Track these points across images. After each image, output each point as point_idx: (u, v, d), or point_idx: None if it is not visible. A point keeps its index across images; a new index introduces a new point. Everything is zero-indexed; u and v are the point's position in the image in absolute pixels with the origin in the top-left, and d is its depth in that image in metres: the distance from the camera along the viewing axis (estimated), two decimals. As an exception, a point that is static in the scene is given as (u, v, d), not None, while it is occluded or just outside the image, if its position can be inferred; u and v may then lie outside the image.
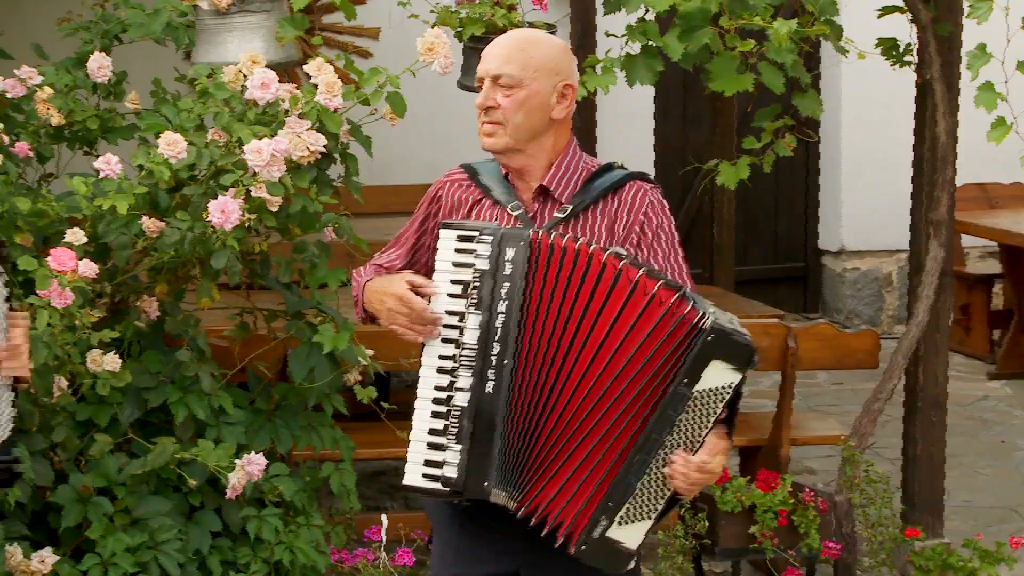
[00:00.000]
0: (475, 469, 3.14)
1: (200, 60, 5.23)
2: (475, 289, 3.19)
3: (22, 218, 4.89)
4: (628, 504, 3.14)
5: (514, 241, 3.18)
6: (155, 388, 5.08)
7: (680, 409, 3.11)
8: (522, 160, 3.35)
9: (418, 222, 3.50)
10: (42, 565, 4.62)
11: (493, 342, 3.16)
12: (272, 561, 5.02)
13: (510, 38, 3.40)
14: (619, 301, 3.12)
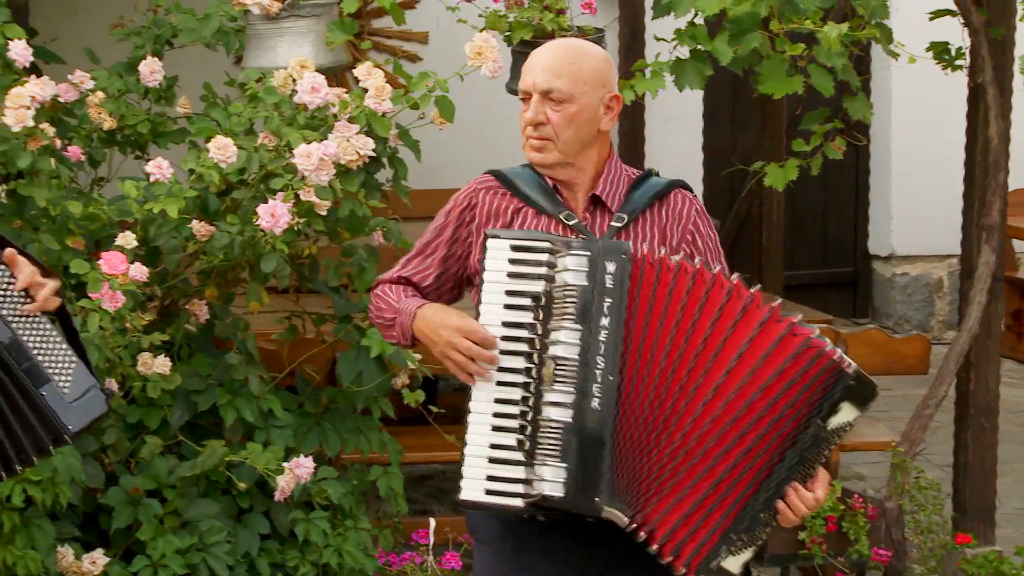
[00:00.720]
0: (584, 485, 3.06)
1: (250, 64, 5.26)
2: (569, 304, 3.11)
3: (74, 221, 4.93)
4: (748, 535, 3.14)
5: (615, 255, 3.13)
6: (204, 391, 5.11)
7: (819, 450, 3.11)
8: (570, 173, 3.33)
9: (449, 231, 3.40)
10: (93, 566, 4.65)
11: (596, 357, 3.08)
12: (320, 564, 5.04)
13: (557, 50, 3.34)
14: (731, 319, 3.11)
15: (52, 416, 3.09)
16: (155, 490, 4.93)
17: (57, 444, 3.13)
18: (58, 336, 3.16)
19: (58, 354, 3.14)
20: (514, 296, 3.16)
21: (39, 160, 4.76)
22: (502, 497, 3.13)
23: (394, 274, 3.45)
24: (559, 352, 3.10)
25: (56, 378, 3.12)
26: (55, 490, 4.51)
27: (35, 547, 4.53)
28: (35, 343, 3.12)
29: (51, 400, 3.10)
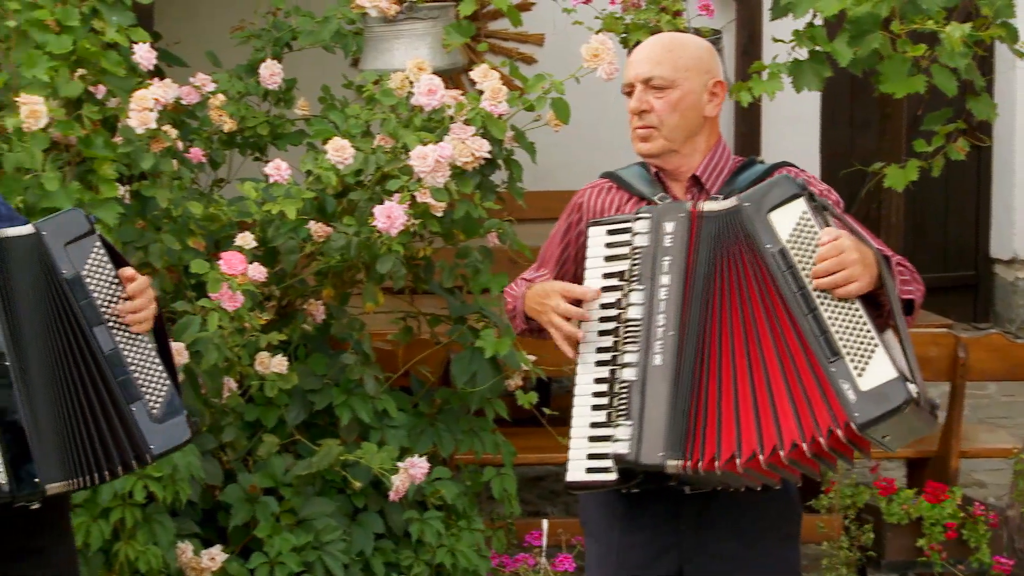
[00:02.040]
0: (647, 440, 3.07)
1: (368, 67, 5.30)
2: (636, 267, 3.16)
3: (195, 222, 4.99)
4: (847, 355, 3.00)
5: (673, 214, 3.17)
6: (321, 390, 5.15)
7: (787, 264, 3.06)
8: (677, 161, 3.33)
9: (560, 235, 3.47)
10: (211, 563, 4.71)
11: (658, 314, 3.12)
12: (434, 564, 5.06)
13: (655, 41, 3.38)
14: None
15: (138, 433, 3.11)
16: (272, 488, 4.98)
17: (138, 462, 3.14)
18: (156, 358, 3.20)
19: (154, 375, 3.17)
20: (609, 277, 3.22)
21: (161, 162, 4.83)
22: (600, 473, 3.15)
23: (519, 280, 3.52)
24: (630, 314, 3.15)
25: (147, 397, 3.15)
26: (175, 487, 4.57)
27: (156, 543, 4.60)
28: (133, 359, 3.15)
29: (139, 417, 3.12)
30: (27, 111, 4.38)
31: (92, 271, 3.14)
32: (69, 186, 4.53)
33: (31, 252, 3.11)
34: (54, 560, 3.31)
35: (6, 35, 4.53)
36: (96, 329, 3.12)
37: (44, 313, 3.10)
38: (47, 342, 3.09)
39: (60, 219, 3.19)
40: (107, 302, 3.14)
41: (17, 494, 3.02)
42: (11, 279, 3.07)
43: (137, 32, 4.79)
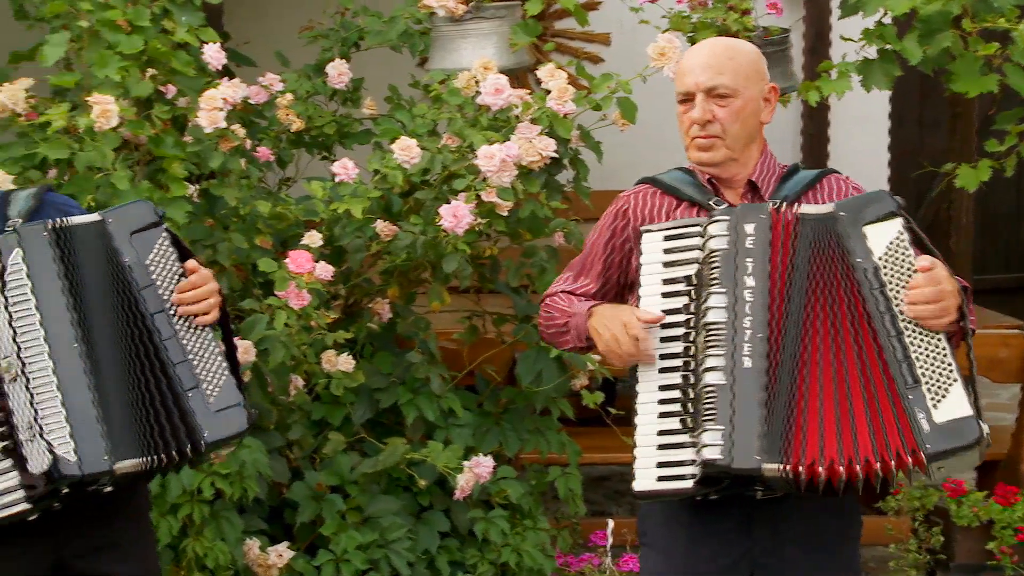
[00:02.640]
0: (742, 445, 3.03)
1: (435, 66, 5.31)
2: (714, 269, 3.12)
3: (263, 221, 5.02)
4: (925, 384, 3.02)
5: (753, 215, 3.15)
6: (386, 389, 5.17)
7: (878, 282, 3.06)
8: (735, 169, 3.31)
9: (604, 241, 3.42)
10: (278, 559, 4.74)
11: (744, 317, 3.08)
12: (499, 563, 5.06)
13: (713, 48, 3.34)
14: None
15: (192, 419, 3.14)
16: (338, 486, 5.00)
17: (192, 449, 3.16)
18: (216, 349, 3.23)
19: (212, 364, 3.20)
20: (670, 284, 3.19)
21: (230, 161, 4.86)
22: (673, 481, 3.12)
23: (557, 288, 3.48)
24: (710, 318, 3.11)
25: (205, 385, 3.18)
26: (243, 484, 4.60)
27: (223, 539, 4.63)
28: (192, 347, 3.19)
29: (195, 404, 3.15)
30: (98, 111, 4.42)
31: (156, 261, 3.20)
32: (139, 185, 4.57)
33: (96, 240, 3.18)
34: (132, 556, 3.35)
35: (79, 35, 4.57)
36: (156, 316, 3.17)
37: (108, 298, 3.16)
38: (111, 326, 3.15)
39: (127, 209, 3.26)
40: (169, 291, 3.19)
41: (86, 473, 3.06)
42: (78, 265, 3.15)
43: (207, 32, 4.82)
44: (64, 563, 3.27)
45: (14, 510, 3.09)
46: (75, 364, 3.10)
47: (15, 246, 3.12)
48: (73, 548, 3.26)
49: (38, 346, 3.09)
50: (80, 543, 3.27)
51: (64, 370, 3.09)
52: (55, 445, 3.05)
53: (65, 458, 3.04)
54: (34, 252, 3.13)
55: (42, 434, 3.05)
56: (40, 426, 3.06)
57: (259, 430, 4.85)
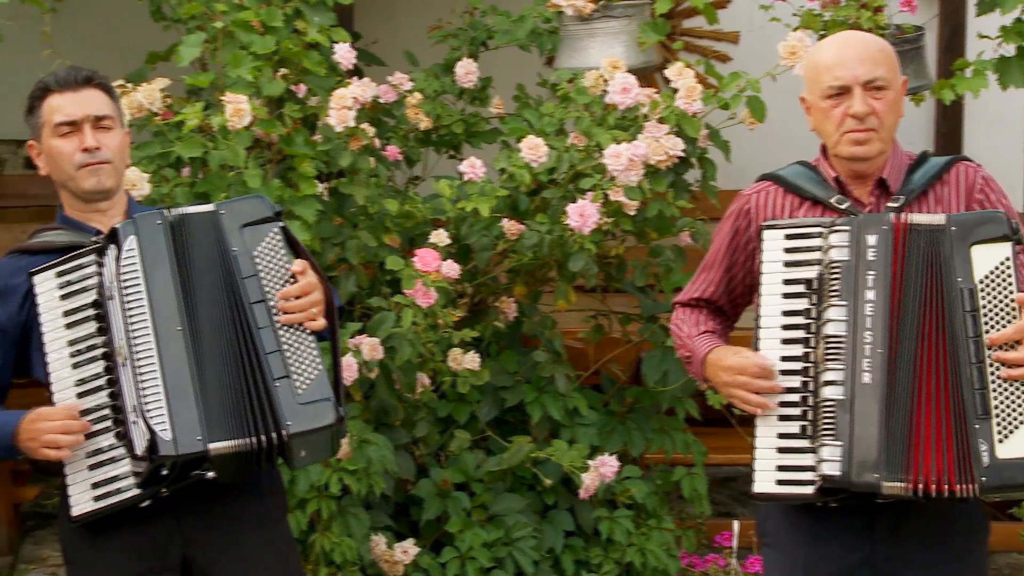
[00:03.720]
0: (860, 461, 3.02)
1: (562, 65, 5.31)
2: (835, 281, 3.10)
3: (391, 219, 5.06)
4: (995, 417, 3.00)
5: (875, 226, 3.10)
6: (512, 388, 5.18)
7: (972, 305, 3.02)
8: (878, 162, 3.26)
9: (726, 242, 3.40)
10: (404, 556, 4.77)
11: (864, 331, 3.06)
12: (623, 562, 5.05)
13: (861, 41, 3.30)
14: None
15: (277, 408, 3.18)
16: (463, 483, 5.03)
17: (277, 439, 3.18)
18: (313, 343, 3.26)
19: (306, 358, 3.24)
20: (791, 284, 3.16)
21: (359, 159, 4.90)
22: (793, 486, 3.11)
23: (686, 295, 3.49)
24: (830, 330, 3.08)
25: (295, 377, 3.21)
26: (369, 480, 4.64)
27: (350, 535, 4.68)
28: (287, 340, 3.23)
29: (282, 394, 3.19)
30: (231, 110, 4.49)
31: (263, 254, 3.25)
32: (270, 183, 4.63)
33: (208, 228, 3.26)
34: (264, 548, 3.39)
35: (213, 36, 4.65)
36: (256, 305, 3.22)
37: (213, 284, 3.23)
38: (214, 311, 3.21)
39: (242, 203, 3.33)
40: (272, 284, 3.23)
41: (181, 452, 3.10)
42: (189, 252, 3.23)
43: (338, 32, 4.87)
44: (191, 560, 3.33)
45: (126, 495, 3.17)
46: (178, 347, 3.17)
47: (131, 233, 3.21)
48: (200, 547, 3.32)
49: (145, 329, 3.17)
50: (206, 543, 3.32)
51: (167, 353, 3.16)
52: (154, 425, 3.11)
53: (162, 437, 3.10)
54: (148, 239, 3.21)
55: (144, 415, 3.12)
56: (143, 407, 3.12)
57: (385, 427, 4.89)
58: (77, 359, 3.22)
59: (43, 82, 3.34)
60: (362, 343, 4.60)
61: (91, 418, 3.19)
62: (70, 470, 3.19)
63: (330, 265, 4.89)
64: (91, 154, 3.29)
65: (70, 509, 3.18)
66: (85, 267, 3.24)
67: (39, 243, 3.36)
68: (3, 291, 3.32)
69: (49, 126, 3.31)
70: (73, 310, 3.23)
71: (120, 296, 3.18)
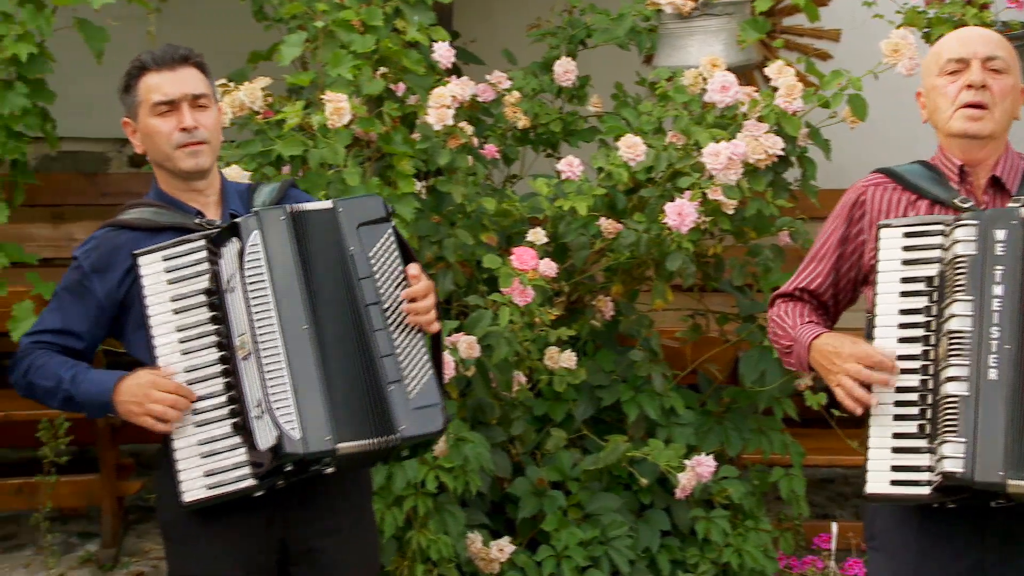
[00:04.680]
0: (985, 459, 2.97)
1: (661, 64, 5.29)
2: (960, 276, 3.05)
3: (488, 218, 5.08)
4: None
5: (1004, 221, 3.05)
6: (608, 387, 5.17)
7: None
8: (988, 150, 3.22)
9: (838, 233, 3.36)
10: (500, 553, 4.78)
11: (991, 327, 3.01)
12: (720, 563, 5.03)
13: (985, 31, 3.29)
14: None
15: (391, 412, 3.21)
16: (559, 482, 5.03)
17: (388, 444, 3.22)
18: (423, 347, 3.29)
19: (417, 362, 3.26)
20: (909, 283, 3.12)
21: (457, 158, 4.92)
22: (908, 487, 3.07)
23: (790, 286, 3.44)
24: (953, 326, 3.03)
25: (407, 381, 3.23)
26: (466, 478, 4.65)
27: (447, 532, 4.69)
28: (400, 343, 3.25)
29: (395, 398, 3.21)
30: (331, 108, 4.53)
31: (378, 255, 3.27)
32: (369, 181, 4.66)
33: (327, 226, 3.28)
34: (355, 536, 3.43)
35: (314, 35, 4.69)
36: (371, 307, 3.25)
37: (333, 284, 3.25)
38: (334, 311, 3.24)
39: (358, 201, 3.35)
40: (386, 286, 3.25)
41: (309, 451, 3.13)
42: (310, 250, 3.24)
43: (437, 31, 4.89)
44: (289, 544, 3.37)
45: (241, 485, 3.19)
46: (304, 345, 3.19)
47: (255, 228, 3.23)
48: (299, 530, 3.36)
49: (271, 325, 3.19)
50: (305, 527, 3.36)
51: (294, 350, 3.18)
52: (282, 422, 3.13)
53: (291, 435, 3.12)
54: (272, 234, 3.23)
55: (270, 411, 3.14)
56: (269, 403, 3.15)
57: (482, 425, 4.91)
58: (186, 345, 3.24)
59: (139, 60, 3.34)
60: (459, 341, 4.62)
61: (203, 405, 3.22)
62: (180, 456, 3.22)
63: (427, 263, 4.91)
64: (189, 134, 3.30)
65: (181, 495, 3.21)
66: (194, 253, 3.25)
67: (139, 219, 3.36)
68: (103, 266, 3.33)
69: (147, 105, 3.31)
70: (182, 296, 3.24)
71: (243, 290, 3.20)
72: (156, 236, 3.31)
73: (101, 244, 3.35)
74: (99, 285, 3.32)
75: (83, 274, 3.33)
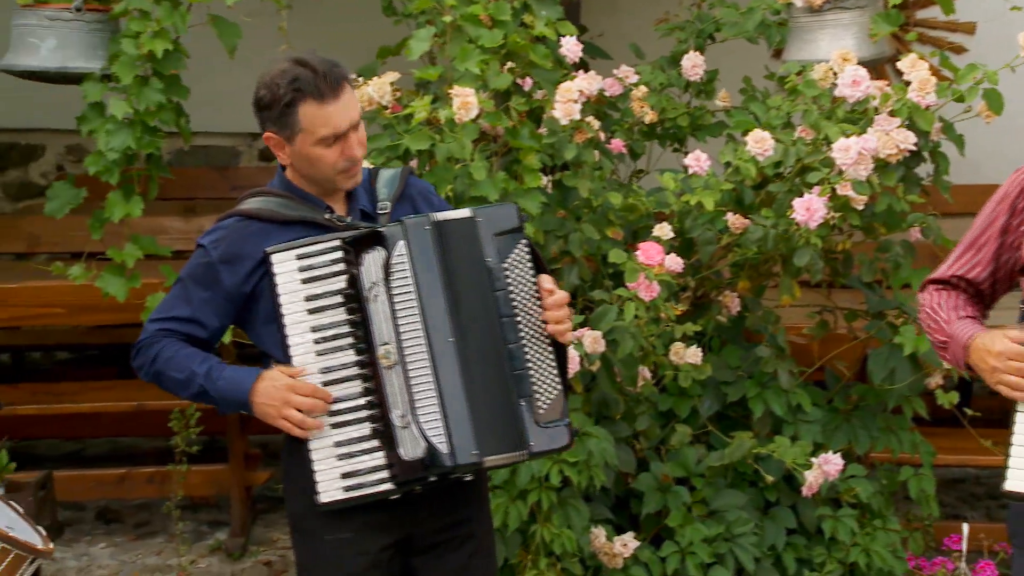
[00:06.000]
0: None
1: (791, 58, 5.24)
2: None
3: (614, 212, 5.07)
4: None
5: None
6: (734, 383, 5.14)
7: None
8: None
9: (1001, 221, 3.27)
10: (623, 549, 4.77)
11: None
12: (847, 562, 4.97)
13: None
14: None
15: (522, 426, 3.22)
16: (683, 478, 5.01)
17: (519, 459, 3.23)
18: (553, 363, 3.29)
19: (548, 379, 3.27)
20: None
21: (584, 152, 4.92)
22: None
23: (945, 272, 3.35)
24: None
25: (537, 396, 3.24)
26: (590, 472, 4.66)
27: (570, 526, 4.70)
28: (531, 357, 3.25)
29: (525, 413, 3.22)
30: (459, 103, 4.55)
31: (512, 265, 3.27)
32: (495, 176, 4.68)
33: (467, 236, 3.27)
34: (477, 531, 3.46)
35: (442, 30, 4.72)
36: (505, 320, 3.25)
37: (473, 295, 3.25)
38: (475, 323, 3.24)
39: (495, 210, 3.33)
40: (519, 298, 3.25)
41: (457, 464, 3.16)
42: (452, 260, 3.24)
43: (565, 26, 4.90)
44: (414, 539, 3.39)
45: (379, 489, 3.21)
46: (450, 357, 3.20)
47: (401, 238, 3.23)
48: (425, 526, 3.38)
49: (417, 337, 3.20)
50: (432, 522, 3.39)
51: (441, 362, 3.19)
52: (429, 435, 3.16)
53: (439, 448, 3.15)
54: (417, 244, 3.23)
55: (417, 422, 3.16)
56: (415, 414, 3.17)
57: (606, 420, 4.90)
58: (322, 347, 3.24)
59: (297, 85, 3.22)
60: (584, 336, 4.62)
61: (340, 407, 3.23)
62: (317, 456, 3.23)
63: (553, 258, 4.92)
64: (355, 160, 3.30)
65: (318, 495, 3.23)
66: (329, 253, 3.23)
67: (268, 211, 3.34)
68: (232, 257, 3.31)
69: (311, 135, 3.24)
70: (316, 296, 3.23)
71: (388, 300, 3.21)
72: (285, 229, 3.31)
73: (230, 234, 3.33)
74: (227, 276, 3.31)
75: (211, 264, 3.32)
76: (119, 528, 6.12)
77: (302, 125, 3.23)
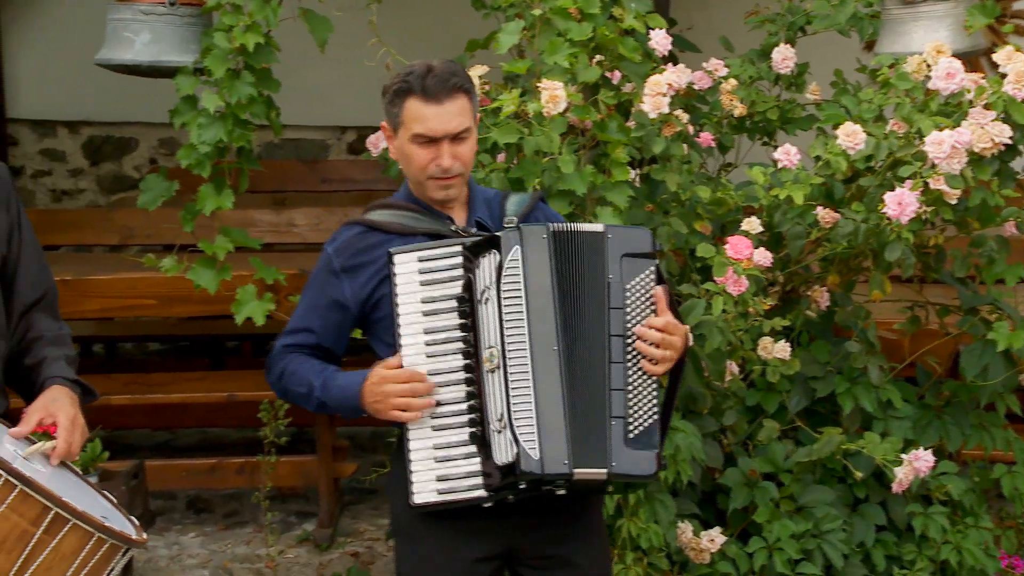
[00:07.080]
0: None
1: (883, 50, 5.18)
2: None
3: (702, 206, 5.05)
4: None
5: None
6: (823, 378, 5.10)
7: None
8: None
9: None
10: (711, 544, 4.76)
11: None
12: (938, 560, 4.92)
13: None
14: None
15: (604, 445, 3.19)
16: (771, 473, 4.98)
17: (596, 474, 3.20)
18: (655, 389, 3.27)
19: (645, 403, 3.25)
20: None
21: (672, 146, 4.90)
22: None
23: None
24: None
25: (630, 419, 3.22)
26: (677, 467, 4.64)
27: (657, 521, 4.68)
28: (632, 381, 3.24)
29: (613, 433, 3.20)
30: (547, 96, 4.55)
31: (634, 288, 3.26)
32: (584, 169, 4.67)
33: (592, 249, 3.27)
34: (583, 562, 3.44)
35: (531, 23, 4.72)
36: (614, 338, 3.24)
37: (586, 307, 3.25)
38: (582, 335, 3.24)
39: (628, 231, 3.35)
40: (635, 320, 3.24)
41: (546, 472, 3.15)
42: (570, 270, 3.25)
43: (654, 19, 4.88)
44: (519, 550, 3.39)
45: (472, 495, 3.22)
46: (552, 366, 3.20)
47: (515, 243, 3.24)
48: (529, 536, 3.38)
49: (522, 342, 3.20)
50: (536, 533, 3.37)
51: (541, 369, 3.19)
52: (522, 440, 3.15)
53: (530, 455, 3.14)
54: (532, 251, 3.24)
55: (512, 427, 3.16)
56: (511, 419, 3.17)
57: (693, 414, 4.89)
58: (432, 349, 3.26)
59: (408, 80, 3.31)
60: (672, 330, 4.60)
61: (443, 411, 3.24)
62: (415, 456, 3.25)
63: (641, 252, 4.91)
64: (444, 170, 3.32)
65: (412, 495, 3.25)
66: (450, 258, 3.26)
67: (394, 223, 3.38)
68: (352, 267, 3.38)
69: (408, 130, 3.31)
70: (432, 299, 3.26)
71: (497, 304, 3.21)
72: (408, 240, 3.34)
73: (352, 244, 3.40)
74: (348, 287, 3.37)
75: (334, 274, 3.39)
76: (209, 518, 6.19)
77: (403, 117, 3.31)
